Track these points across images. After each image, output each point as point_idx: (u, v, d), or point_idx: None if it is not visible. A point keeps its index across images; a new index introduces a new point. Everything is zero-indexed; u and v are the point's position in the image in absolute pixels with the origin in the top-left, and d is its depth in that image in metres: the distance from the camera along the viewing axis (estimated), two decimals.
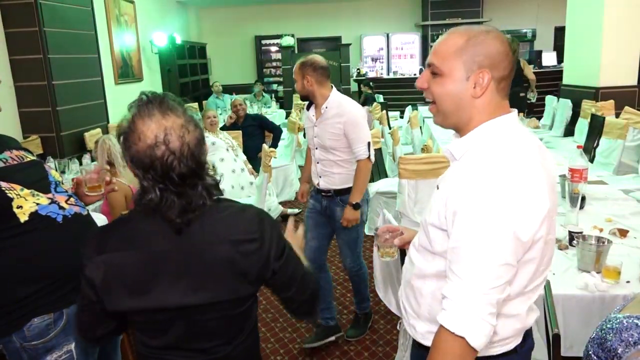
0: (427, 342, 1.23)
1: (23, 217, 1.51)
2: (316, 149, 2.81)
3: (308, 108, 2.84)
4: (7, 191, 1.49)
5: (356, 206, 2.71)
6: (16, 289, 1.52)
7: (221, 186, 1.23)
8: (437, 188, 1.23)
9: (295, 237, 1.51)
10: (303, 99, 2.83)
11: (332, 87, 2.76)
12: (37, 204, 1.55)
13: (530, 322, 1.24)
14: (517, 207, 1.04)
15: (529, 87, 6.61)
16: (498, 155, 1.09)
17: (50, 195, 1.62)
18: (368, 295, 3.10)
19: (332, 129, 2.70)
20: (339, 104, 2.70)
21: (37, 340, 1.53)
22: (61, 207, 1.62)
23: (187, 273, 1.15)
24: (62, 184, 1.73)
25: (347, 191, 2.77)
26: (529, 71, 6.74)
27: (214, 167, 1.22)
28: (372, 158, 2.77)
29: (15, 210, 1.50)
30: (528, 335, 1.27)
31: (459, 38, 1.15)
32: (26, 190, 1.54)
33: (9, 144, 1.67)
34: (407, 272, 1.34)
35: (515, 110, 1.21)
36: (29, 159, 1.65)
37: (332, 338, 2.94)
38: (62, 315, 1.57)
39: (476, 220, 1.04)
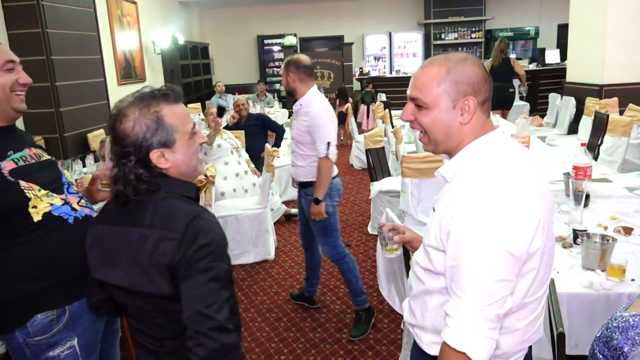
0: (432, 351, 1.26)
1: (36, 217, 1.54)
2: (292, 139, 3.09)
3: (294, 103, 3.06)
4: (25, 191, 1.52)
5: (316, 201, 2.88)
6: (22, 286, 1.54)
7: (223, 189, 1.26)
8: (434, 210, 1.25)
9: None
10: (288, 94, 3.02)
11: (313, 85, 2.96)
12: (51, 204, 1.58)
13: (533, 338, 1.24)
14: (506, 223, 1.06)
15: (520, 83, 7.14)
16: (485, 173, 1.12)
17: (63, 196, 1.64)
18: (361, 288, 3.13)
19: (299, 125, 2.94)
20: (309, 103, 2.89)
21: (41, 336, 1.55)
22: (73, 209, 1.65)
23: (128, 257, 1.23)
24: (73, 184, 1.76)
25: (308, 185, 2.99)
26: (519, 67, 7.08)
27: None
28: (332, 157, 2.89)
29: (30, 210, 1.52)
30: (528, 356, 1.28)
31: (438, 69, 1.18)
32: (43, 191, 1.56)
33: (28, 141, 1.68)
34: (412, 287, 1.35)
35: (500, 127, 1.25)
36: (44, 158, 1.67)
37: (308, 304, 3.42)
38: (64, 311, 1.59)
39: (467, 239, 1.07)
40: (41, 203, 1.55)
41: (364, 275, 3.84)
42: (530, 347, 1.31)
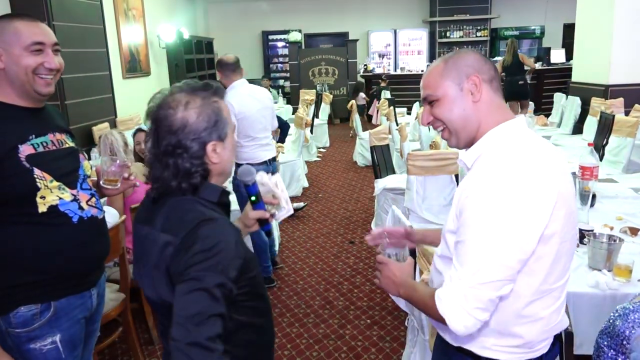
0: (458, 343, 1.26)
1: (42, 208, 1.50)
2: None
3: None
4: (37, 180, 1.48)
5: None
6: (12, 275, 1.50)
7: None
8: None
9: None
10: None
11: (239, 79, 3.47)
12: (60, 198, 1.54)
13: (558, 328, 1.25)
14: (518, 209, 1.07)
15: (527, 72, 7.73)
16: (504, 158, 1.14)
17: (74, 192, 1.59)
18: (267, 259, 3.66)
19: None
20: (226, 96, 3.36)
21: (21, 329, 1.51)
22: (81, 207, 1.60)
23: (144, 254, 1.20)
24: (90, 177, 1.72)
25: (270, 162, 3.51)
26: (528, 61, 7.82)
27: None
28: None
29: (37, 199, 1.49)
30: (554, 344, 1.28)
31: (437, 65, 1.27)
32: (55, 182, 1.52)
33: (55, 124, 1.64)
34: (433, 281, 1.35)
35: (522, 115, 1.27)
36: (67, 146, 1.62)
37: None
38: (49, 306, 1.55)
39: (477, 217, 1.10)
40: (50, 195, 1.51)
41: (367, 272, 3.84)
42: (560, 341, 1.32)
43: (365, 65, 11.74)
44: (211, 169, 1.20)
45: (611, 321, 1.30)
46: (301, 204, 5.27)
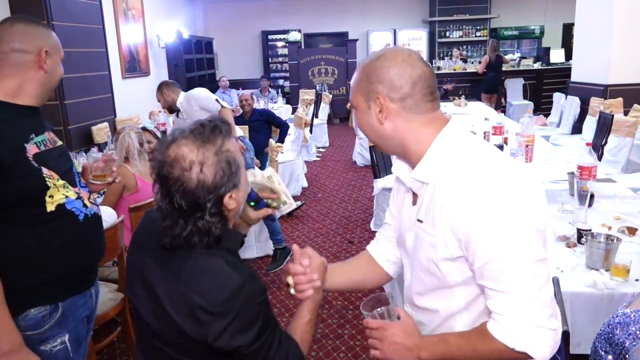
0: None
1: (50, 207, 1.50)
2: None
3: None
4: (47, 179, 1.49)
5: None
6: (21, 276, 1.50)
7: None
8: (420, 221, 1.17)
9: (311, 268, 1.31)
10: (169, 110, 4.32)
11: (179, 93, 4.24)
12: (66, 196, 1.55)
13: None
14: (529, 203, 1.05)
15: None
16: (479, 163, 1.08)
17: (77, 190, 1.61)
18: (279, 229, 3.99)
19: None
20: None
21: (32, 331, 1.51)
22: (84, 205, 1.62)
23: (154, 297, 1.15)
24: (80, 173, 1.75)
25: None
26: (506, 59, 9.63)
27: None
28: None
29: (47, 198, 1.49)
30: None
31: (357, 72, 1.17)
32: (61, 181, 1.53)
33: (47, 125, 1.65)
34: (427, 329, 1.25)
35: (452, 116, 1.18)
36: (59, 144, 1.64)
37: (288, 258, 3.85)
38: (57, 307, 1.55)
39: (495, 231, 1.03)
40: (58, 193, 1.52)
41: None
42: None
43: None
44: (229, 216, 1.17)
45: (610, 327, 1.29)
46: (298, 203, 5.27)
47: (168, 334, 1.14)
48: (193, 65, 10.40)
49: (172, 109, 4.28)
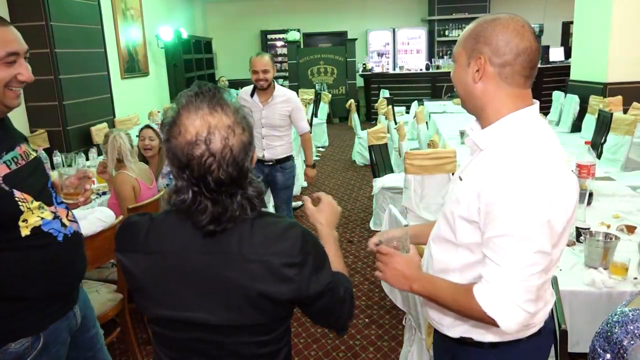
0: (453, 333, 1.28)
1: (25, 232, 1.36)
2: (262, 127, 3.52)
3: (252, 95, 3.55)
4: (20, 203, 1.34)
5: (313, 166, 3.82)
6: None
7: None
8: (460, 179, 1.25)
9: (329, 212, 1.35)
10: (261, 88, 3.49)
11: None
12: (42, 218, 1.40)
13: (551, 304, 1.28)
14: (552, 198, 1.07)
15: None
16: (530, 147, 1.12)
17: (53, 209, 1.46)
18: None
19: (281, 111, 3.52)
20: (284, 93, 3.55)
21: None
22: (63, 224, 1.48)
23: (215, 288, 1.05)
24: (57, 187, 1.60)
25: (285, 160, 3.64)
26: None
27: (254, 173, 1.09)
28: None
29: (20, 223, 1.35)
30: (549, 317, 1.31)
31: (468, 28, 1.21)
32: (35, 203, 1.39)
33: (17, 134, 1.50)
34: (427, 268, 1.35)
35: (537, 103, 1.22)
36: (32, 156, 1.47)
37: None
38: (39, 337, 1.43)
39: (514, 210, 1.07)
40: (32, 216, 1.37)
41: (365, 271, 3.84)
42: (552, 316, 1.36)
43: (364, 64, 11.73)
44: None
45: (609, 325, 1.30)
46: (299, 203, 5.27)
47: (244, 318, 1.06)
48: (192, 65, 10.40)
49: None
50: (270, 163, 3.60)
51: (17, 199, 1.33)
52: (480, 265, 1.16)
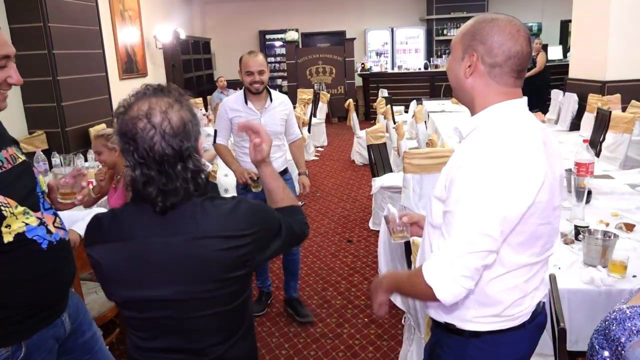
0: (438, 317, 1.32)
1: (7, 238, 1.33)
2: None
3: (245, 102, 3.04)
4: (2, 208, 1.31)
5: (306, 174, 3.27)
6: None
7: (227, 186, 1.22)
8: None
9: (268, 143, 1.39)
10: (256, 91, 3.00)
11: None
12: (26, 224, 1.37)
13: (537, 297, 1.30)
14: (505, 184, 1.11)
15: None
16: (499, 134, 1.16)
17: (39, 215, 1.43)
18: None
19: (281, 115, 3.13)
20: (278, 96, 3.18)
21: None
22: (49, 231, 1.44)
23: (174, 266, 1.14)
24: (46, 193, 1.56)
25: (284, 172, 3.20)
26: None
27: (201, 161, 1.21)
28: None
29: (2, 229, 1.32)
30: (538, 312, 1.33)
31: (468, 24, 1.26)
32: (20, 208, 1.36)
33: (5, 136, 1.47)
34: (423, 253, 1.39)
35: (525, 98, 1.26)
36: (20, 160, 1.45)
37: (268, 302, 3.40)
38: (20, 347, 1.39)
39: (466, 188, 1.13)
40: (16, 222, 1.34)
41: (365, 270, 3.84)
42: (544, 312, 1.38)
43: (363, 64, 11.73)
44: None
45: (607, 323, 1.30)
46: (300, 203, 5.26)
47: (201, 292, 1.16)
48: (191, 65, 10.41)
49: None
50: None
51: (0, 203, 1.31)
52: None
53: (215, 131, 3.11)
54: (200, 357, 1.21)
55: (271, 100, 3.09)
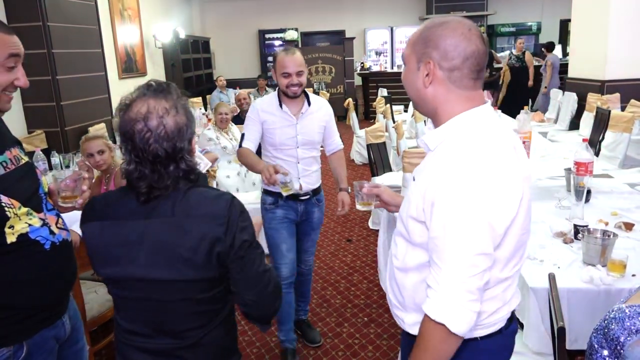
0: (415, 331, 1.27)
1: (10, 238, 1.33)
2: (297, 147, 2.62)
3: (280, 106, 2.57)
4: (6, 209, 1.32)
5: (348, 190, 2.74)
6: None
7: (227, 187, 1.24)
8: (414, 180, 1.26)
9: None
10: (293, 94, 2.53)
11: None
12: (29, 225, 1.38)
13: (514, 305, 1.29)
14: (491, 199, 1.09)
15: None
16: (472, 147, 1.13)
17: (42, 216, 1.44)
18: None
19: (319, 122, 2.66)
20: (317, 100, 2.70)
21: None
22: (52, 232, 1.45)
23: (151, 247, 1.21)
24: (48, 195, 1.56)
25: (319, 190, 2.81)
26: (497, 57, 9.76)
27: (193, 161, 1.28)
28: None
29: (6, 229, 1.32)
30: (512, 318, 1.32)
31: (417, 32, 1.22)
32: (23, 209, 1.37)
33: (8, 137, 1.47)
34: (390, 265, 1.37)
35: (489, 102, 1.23)
36: (23, 161, 1.45)
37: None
38: (22, 346, 1.40)
39: (452, 211, 1.09)
40: (19, 223, 1.35)
41: (364, 270, 3.85)
42: (517, 319, 1.37)
43: (362, 63, 11.73)
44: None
45: (606, 322, 1.30)
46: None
47: (180, 274, 1.21)
48: (190, 65, 10.40)
49: None
50: (307, 197, 2.71)
51: (3, 204, 1.32)
52: None
53: (243, 134, 2.61)
54: (177, 340, 1.27)
55: (309, 104, 2.60)
